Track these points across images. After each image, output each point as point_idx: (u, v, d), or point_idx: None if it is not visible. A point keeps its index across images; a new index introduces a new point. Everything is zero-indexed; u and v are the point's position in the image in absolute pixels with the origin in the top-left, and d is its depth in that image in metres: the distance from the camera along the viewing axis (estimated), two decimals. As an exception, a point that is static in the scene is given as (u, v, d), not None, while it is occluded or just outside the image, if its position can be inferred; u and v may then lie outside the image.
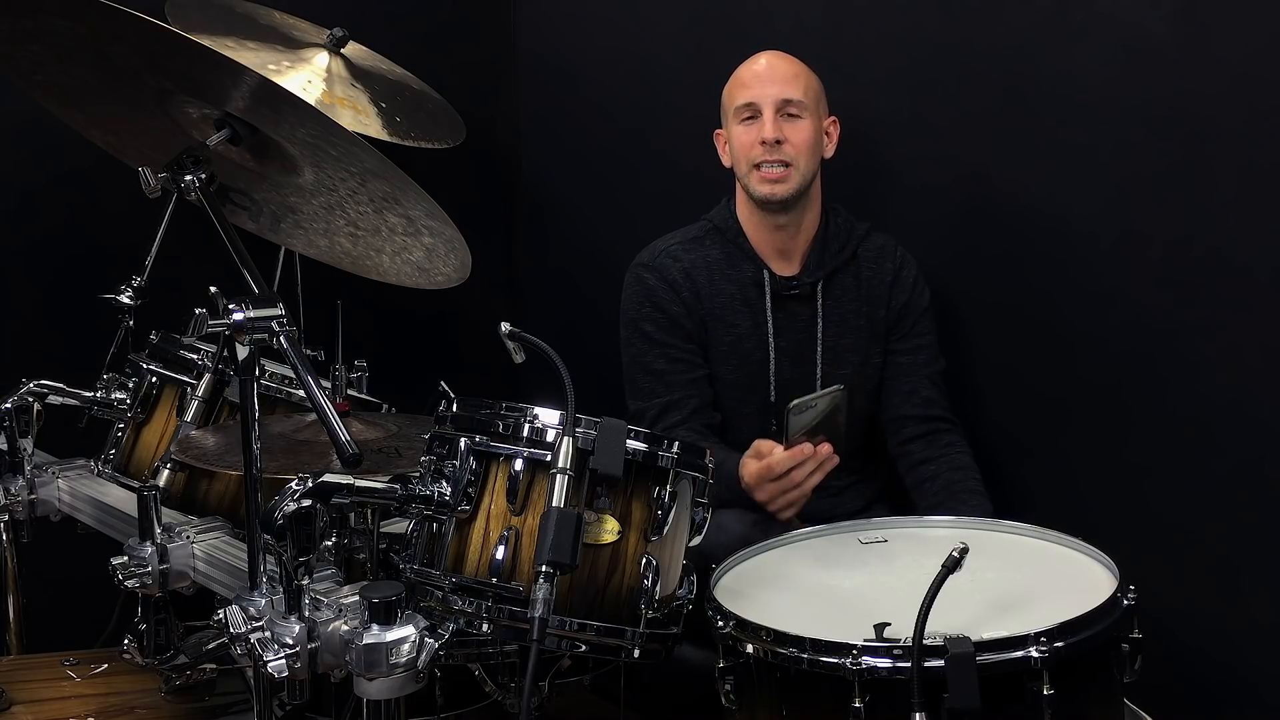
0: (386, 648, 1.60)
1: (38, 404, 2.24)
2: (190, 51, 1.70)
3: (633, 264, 2.53)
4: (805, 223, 2.48)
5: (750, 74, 2.46)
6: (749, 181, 2.44)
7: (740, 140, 2.44)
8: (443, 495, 1.76)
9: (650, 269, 2.50)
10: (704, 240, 2.51)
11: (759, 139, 2.40)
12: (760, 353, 2.46)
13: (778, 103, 2.40)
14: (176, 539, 1.97)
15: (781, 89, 2.41)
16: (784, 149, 2.39)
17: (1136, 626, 1.75)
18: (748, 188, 2.45)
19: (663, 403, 2.44)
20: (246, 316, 1.62)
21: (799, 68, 2.45)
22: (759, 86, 2.42)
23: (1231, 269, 2.23)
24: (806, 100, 2.42)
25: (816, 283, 2.47)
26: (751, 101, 2.42)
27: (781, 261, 2.49)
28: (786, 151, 2.39)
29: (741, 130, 2.44)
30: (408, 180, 1.80)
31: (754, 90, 2.42)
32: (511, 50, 3.39)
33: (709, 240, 2.51)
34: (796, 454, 2.09)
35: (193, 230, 2.04)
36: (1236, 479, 2.26)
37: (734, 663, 1.77)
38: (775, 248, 2.48)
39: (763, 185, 2.41)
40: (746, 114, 2.43)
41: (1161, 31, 2.27)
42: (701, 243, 2.51)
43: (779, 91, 2.41)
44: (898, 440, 2.50)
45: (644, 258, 2.52)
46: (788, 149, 2.39)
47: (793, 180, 2.40)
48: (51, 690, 2.08)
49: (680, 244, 2.51)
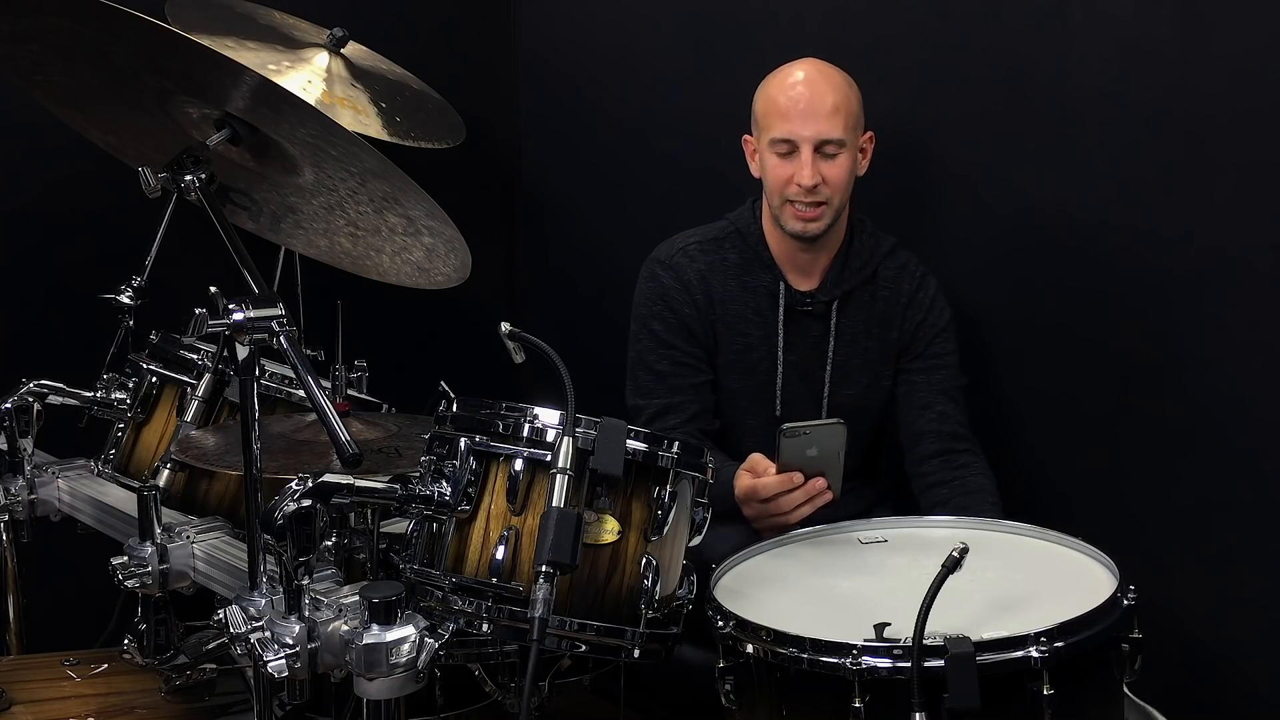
0: (386, 648, 1.60)
1: (38, 404, 2.24)
2: (190, 51, 1.70)
3: (649, 258, 2.49)
4: (830, 241, 2.42)
5: (790, 103, 2.31)
6: (780, 214, 2.36)
7: (775, 173, 2.34)
8: (443, 495, 1.76)
9: (666, 267, 2.45)
10: (724, 242, 2.46)
11: (795, 179, 2.31)
12: (768, 364, 2.44)
13: (817, 143, 2.29)
14: (176, 539, 1.97)
15: (824, 128, 2.29)
16: (820, 190, 2.31)
17: (1136, 626, 1.75)
18: (778, 219, 2.37)
19: (662, 404, 2.43)
20: (246, 316, 1.62)
21: (840, 94, 2.32)
22: (799, 122, 2.30)
23: (1232, 268, 2.23)
24: (846, 135, 2.31)
25: (832, 301, 2.42)
26: (789, 138, 2.31)
27: (800, 275, 2.44)
28: (822, 193, 2.32)
29: (776, 163, 2.33)
30: (408, 180, 1.80)
31: (793, 125, 2.30)
32: (511, 50, 3.39)
33: (729, 243, 2.46)
34: (785, 481, 2.08)
35: (193, 230, 2.04)
36: (1237, 479, 2.26)
37: (734, 663, 1.77)
38: (796, 262, 2.43)
39: (795, 222, 2.34)
40: (784, 148, 2.32)
41: (1161, 31, 2.27)
42: (721, 245, 2.46)
43: (821, 131, 2.29)
44: (914, 459, 2.44)
45: (661, 254, 2.48)
46: (823, 190, 2.31)
47: (826, 218, 2.34)
48: (51, 690, 2.08)
49: (699, 244, 2.47)
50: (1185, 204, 2.27)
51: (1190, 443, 2.31)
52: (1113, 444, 2.42)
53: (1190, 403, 2.30)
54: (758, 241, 2.45)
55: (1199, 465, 2.30)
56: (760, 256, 2.44)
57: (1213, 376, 2.27)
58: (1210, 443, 2.29)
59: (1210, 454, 2.29)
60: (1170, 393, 2.32)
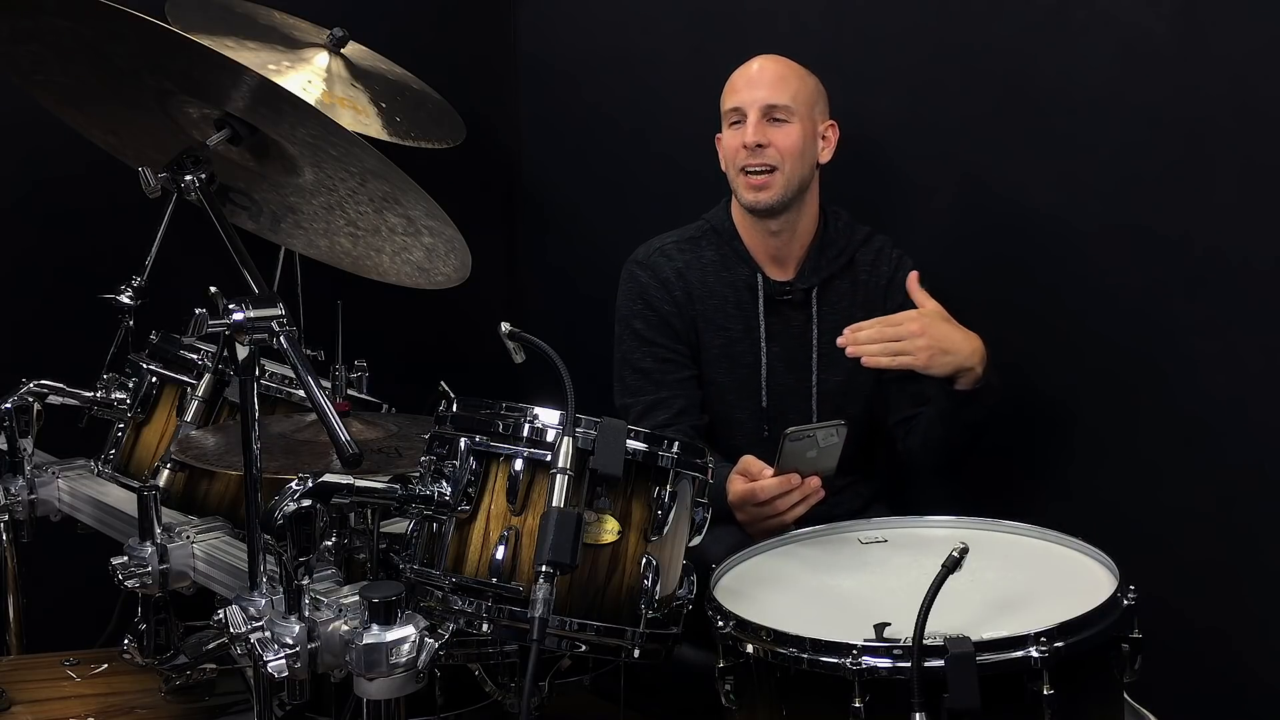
0: (386, 648, 1.60)
1: (38, 404, 2.24)
2: (190, 51, 1.70)
3: (628, 260, 2.53)
4: (800, 228, 2.47)
5: (742, 79, 2.45)
6: (736, 187, 2.44)
7: (727, 144, 2.45)
8: (443, 495, 1.76)
9: (644, 266, 2.50)
10: (700, 241, 2.51)
11: (742, 143, 2.39)
12: (751, 357, 2.46)
13: (763, 107, 2.39)
14: (176, 539, 1.97)
15: (768, 93, 2.40)
16: (767, 153, 2.38)
17: (1136, 626, 1.75)
18: (736, 193, 2.45)
19: (649, 400, 2.44)
20: (246, 316, 1.62)
21: (790, 71, 2.44)
22: (746, 91, 2.42)
23: (1231, 268, 2.23)
24: (795, 105, 2.40)
25: (811, 289, 2.47)
26: (738, 106, 2.42)
27: (776, 266, 2.49)
28: (770, 155, 2.38)
29: (729, 134, 2.45)
30: (408, 180, 1.80)
31: (741, 95, 2.42)
32: (511, 50, 3.39)
33: (705, 241, 2.51)
34: (784, 483, 2.09)
35: (193, 230, 2.04)
36: (1237, 478, 2.26)
37: (734, 663, 1.77)
38: (770, 252, 2.48)
39: (748, 191, 2.41)
40: (734, 118, 2.43)
41: (1161, 31, 2.27)
42: (697, 243, 2.51)
43: (765, 96, 2.40)
44: (902, 437, 2.48)
45: (639, 255, 2.53)
46: (771, 153, 2.38)
47: (776, 186, 2.39)
48: (51, 690, 2.08)
49: (676, 243, 2.51)
50: (1185, 204, 2.27)
51: (1190, 442, 2.31)
52: (1113, 444, 2.42)
53: (1190, 402, 2.30)
54: (733, 237, 2.49)
55: (1199, 465, 2.30)
56: (736, 251, 2.48)
57: (1213, 376, 2.27)
58: (1210, 442, 2.29)
59: (1210, 453, 2.29)
60: (1170, 392, 2.33)
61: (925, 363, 2.22)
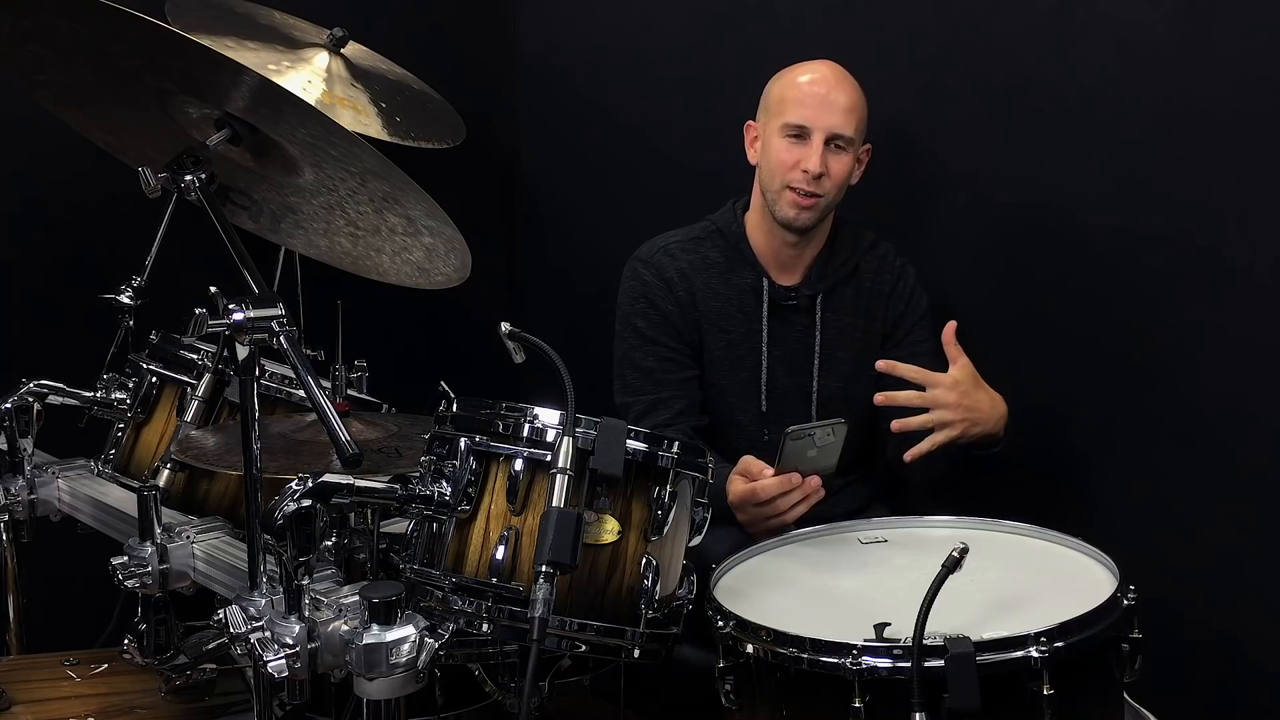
0: (386, 648, 1.60)
1: (38, 404, 2.24)
2: (190, 51, 1.70)
3: (631, 257, 2.52)
4: (815, 237, 2.45)
5: (810, 92, 2.35)
6: (776, 199, 2.38)
7: (780, 156, 2.36)
8: (443, 495, 1.76)
9: (647, 264, 2.48)
10: (705, 241, 2.50)
11: (801, 165, 2.33)
12: (753, 360, 2.46)
13: (830, 134, 2.33)
14: (176, 539, 1.97)
15: (840, 122, 2.33)
16: (822, 182, 2.34)
17: (1136, 626, 1.75)
18: (772, 204, 2.39)
19: (649, 400, 2.43)
20: (246, 316, 1.62)
21: (859, 98, 2.37)
22: (815, 110, 2.33)
23: (1231, 268, 2.23)
24: (855, 135, 2.36)
25: (816, 295, 2.45)
26: (804, 124, 2.33)
27: (783, 271, 2.47)
28: (824, 184, 2.34)
29: (784, 146, 2.35)
30: (408, 180, 1.80)
31: (810, 112, 2.33)
32: (511, 50, 3.39)
33: (710, 242, 2.49)
34: (784, 482, 2.08)
35: (193, 230, 2.04)
36: (1236, 478, 2.26)
37: (734, 663, 1.77)
38: (779, 258, 2.46)
39: (790, 208, 2.36)
40: (794, 132, 2.34)
41: (1161, 31, 2.27)
42: (702, 244, 2.49)
43: (836, 124, 2.33)
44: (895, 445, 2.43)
45: (642, 253, 2.51)
46: (825, 183, 2.34)
47: (818, 210, 2.37)
48: (51, 690, 2.08)
49: (680, 243, 2.50)
50: (1185, 204, 2.27)
51: (1190, 442, 2.31)
52: (1112, 444, 2.43)
53: (1190, 402, 2.30)
54: (739, 240, 2.47)
55: (1199, 465, 2.30)
56: (742, 254, 2.47)
57: (1212, 376, 2.27)
58: (1210, 442, 2.29)
59: (1210, 453, 2.29)
60: (1170, 392, 2.33)
61: (958, 435, 2.19)
